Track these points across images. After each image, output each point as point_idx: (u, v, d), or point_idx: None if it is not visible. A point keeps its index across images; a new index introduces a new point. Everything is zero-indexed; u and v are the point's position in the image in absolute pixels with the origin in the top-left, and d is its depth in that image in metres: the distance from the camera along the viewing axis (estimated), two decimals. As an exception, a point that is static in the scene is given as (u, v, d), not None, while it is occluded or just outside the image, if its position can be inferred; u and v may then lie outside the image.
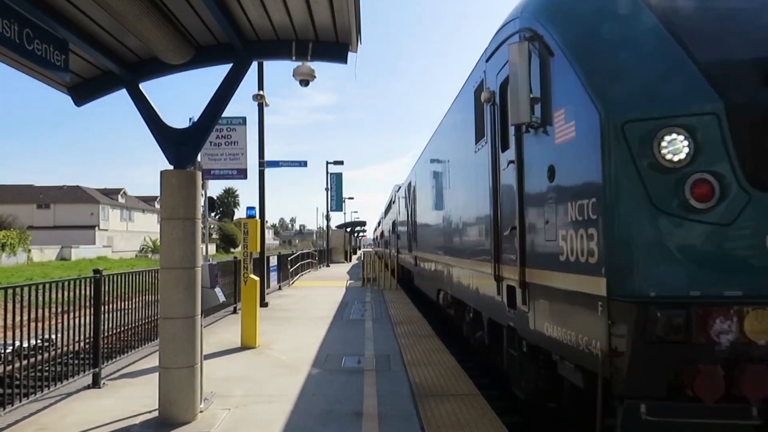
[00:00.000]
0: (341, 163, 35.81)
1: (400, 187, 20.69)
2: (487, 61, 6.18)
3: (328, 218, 41.14)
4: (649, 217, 3.45)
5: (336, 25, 5.10)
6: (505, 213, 5.50)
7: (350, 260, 47.31)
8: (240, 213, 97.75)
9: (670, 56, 3.71)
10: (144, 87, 5.61)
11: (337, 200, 40.33)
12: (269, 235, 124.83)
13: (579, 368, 3.97)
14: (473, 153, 6.83)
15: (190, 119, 7.90)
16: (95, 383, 6.16)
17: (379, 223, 46.80)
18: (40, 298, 5.44)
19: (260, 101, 13.97)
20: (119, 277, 7.01)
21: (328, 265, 36.54)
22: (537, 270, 4.62)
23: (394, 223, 23.58)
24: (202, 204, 9.89)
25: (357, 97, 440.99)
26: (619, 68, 3.87)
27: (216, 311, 11.36)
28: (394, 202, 23.27)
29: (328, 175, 37.96)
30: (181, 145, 5.26)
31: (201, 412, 5.20)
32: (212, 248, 64.77)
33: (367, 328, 10.16)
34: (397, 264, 21.26)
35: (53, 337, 6.04)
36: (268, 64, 16.55)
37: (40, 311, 5.54)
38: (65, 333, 5.96)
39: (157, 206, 65.24)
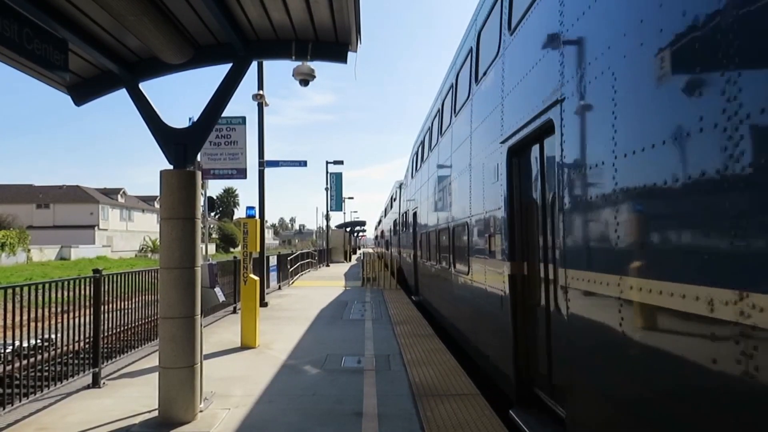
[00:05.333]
0: (341, 163, 35.62)
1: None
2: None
3: (327, 218, 41.11)
4: None
5: (336, 24, 5.11)
6: None
7: (350, 260, 47.24)
8: (240, 213, 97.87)
9: None
10: (144, 87, 5.62)
11: (336, 200, 40.29)
12: (269, 234, 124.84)
13: None
14: None
15: (190, 119, 7.92)
16: (95, 383, 6.16)
17: (389, 207, 29.18)
18: (40, 298, 5.43)
19: (260, 101, 13.96)
20: (119, 276, 7.00)
21: (327, 265, 36.52)
22: None
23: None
24: (202, 204, 9.91)
25: (356, 97, 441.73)
26: None
27: (216, 311, 11.36)
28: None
29: (328, 175, 37.93)
30: (180, 145, 5.26)
31: (201, 412, 5.20)
32: (212, 248, 64.80)
33: (367, 328, 10.16)
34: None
35: (53, 336, 6.04)
36: (267, 64, 16.51)
37: (39, 311, 5.54)
38: (65, 333, 5.96)
39: (157, 206, 65.20)
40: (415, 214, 15.17)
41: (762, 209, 1.93)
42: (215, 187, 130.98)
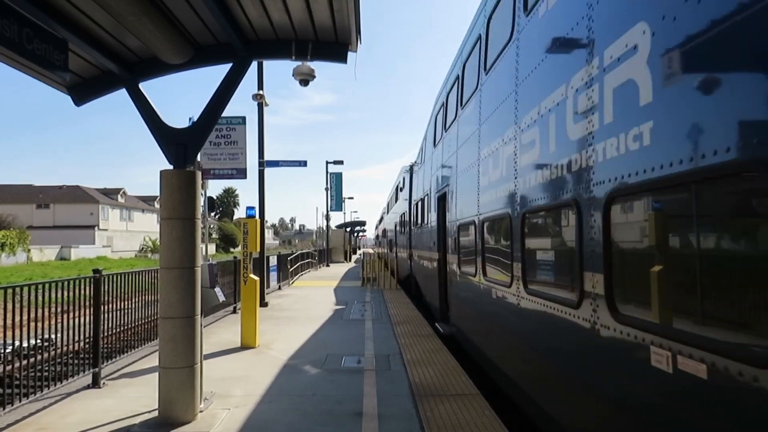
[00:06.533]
0: (341, 163, 35.62)
1: None
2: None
3: (327, 218, 41.11)
4: None
5: (336, 24, 5.11)
6: None
7: (350, 260, 47.24)
8: (240, 213, 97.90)
9: None
10: (144, 87, 5.62)
11: (336, 200, 40.30)
12: (269, 234, 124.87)
13: None
14: None
15: (190, 119, 7.92)
16: (95, 383, 6.16)
17: (393, 200, 24.09)
18: (40, 298, 5.43)
19: (260, 101, 13.97)
20: (119, 276, 7.00)
21: (327, 265, 36.52)
22: None
23: None
24: (202, 204, 9.91)
25: (356, 97, 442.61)
26: None
27: (216, 311, 11.36)
28: None
29: (328, 175, 37.95)
30: (180, 145, 5.26)
31: (201, 412, 5.20)
32: (212, 248, 64.79)
33: (367, 328, 10.16)
34: None
35: (53, 337, 6.04)
36: (267, 65, 16.52)
37: (39, 311, 5.54)
38: (65, 333, 5.96)
39: (157, 206, 65.20)
40: (443, 198, 9.80)
41: None
42: (215, 187, 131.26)
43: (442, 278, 10.11)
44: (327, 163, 36.93)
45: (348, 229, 52.87)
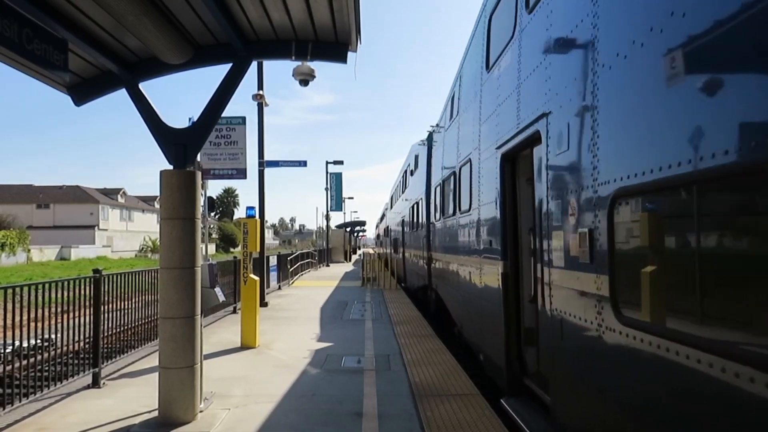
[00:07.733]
0: (341, 163, 35.71)
1: None
2: None
3: (327, 218, 41.11)
4: None
5: (336, 24, 5.11)
6: None
7: (350, 260, 47.22)
8: (240, 213, 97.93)
9: None
10: (143, 87, 5.61)
11: (336, 200, 40.32)
12: (269, 234, 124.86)
13: None
14: None
15: (190, 119, 7.92)
16: (95, 383, 6.16)
17: (399, 191, 21.63)
18: (40, 298, 5.43)
19: (260, 101, 13.97)
20: (119, 276, 7.00)
21: (327, 265, 36.52)
22: None
23: None
24: (202, 204, 9.91)
25: (356, 97, 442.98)
26: None
27: (216, 311, 11.36)
28: None
29: (328, 174, 37.96)
30: (180, 145, 5.26)
31: (201, 412, 5.20)
32: (212, 248, 64.78)
33: (367, 328, 10.16)
34: None
35: (53, 337, 6.04)
36: (267, 64, 16.50)
37: (40, 311, 5.54)
38: (65, 333, 5.96)
39: (157, 206, 65.19)
40: (515, 156, 5.36)
41: None
42: (215, 187, 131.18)
43: (512, 311, 5.46)
44: (327, 163, 36.97)
45: (348, 229, 52.86)
